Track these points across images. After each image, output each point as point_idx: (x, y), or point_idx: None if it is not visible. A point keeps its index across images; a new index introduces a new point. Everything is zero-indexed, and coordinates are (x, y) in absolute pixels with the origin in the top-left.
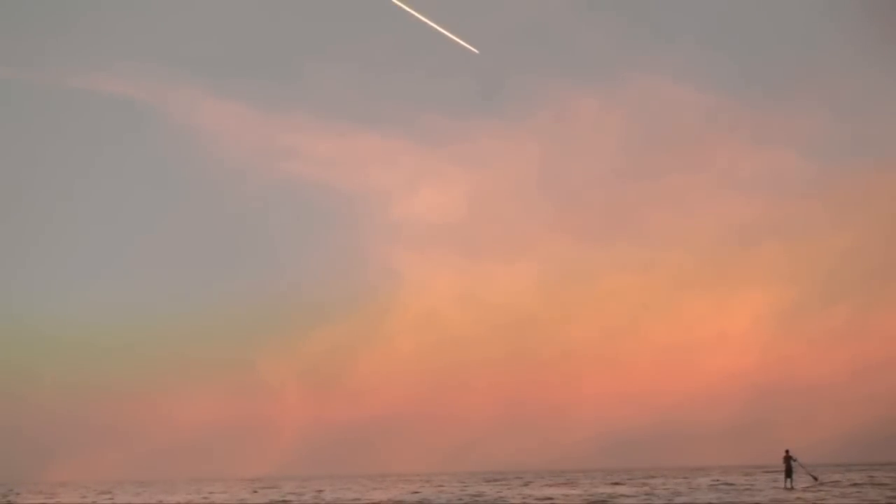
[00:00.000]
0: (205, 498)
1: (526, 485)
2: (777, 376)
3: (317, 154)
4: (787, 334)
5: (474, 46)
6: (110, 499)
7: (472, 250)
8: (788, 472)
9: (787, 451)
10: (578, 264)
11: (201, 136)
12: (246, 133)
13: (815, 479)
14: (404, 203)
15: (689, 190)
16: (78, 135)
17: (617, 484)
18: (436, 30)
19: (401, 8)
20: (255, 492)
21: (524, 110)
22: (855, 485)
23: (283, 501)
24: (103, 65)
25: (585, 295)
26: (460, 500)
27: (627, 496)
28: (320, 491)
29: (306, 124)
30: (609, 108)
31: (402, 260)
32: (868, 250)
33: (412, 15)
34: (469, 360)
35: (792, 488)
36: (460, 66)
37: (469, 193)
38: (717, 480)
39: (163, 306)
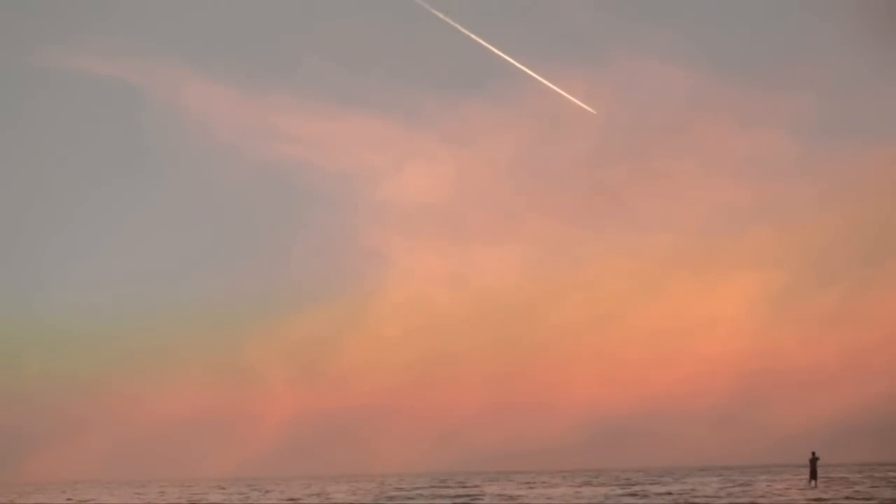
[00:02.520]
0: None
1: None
2: (768, 362)
3: (302, 135)
4: (777, 319)
5: (462, 26)
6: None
7: (459, 232)
8: (813, 474)
9: (813, 453)
10: (566, 247)
11: (186, 117)
12: (232, 114)
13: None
14: (391, 184)
15: (678, 172)
16: (60, 116)
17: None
18: (423, 8)
19: None
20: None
21: (512, 89)
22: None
23: None
24: (86, 45)
25: (573, 279)
26: None
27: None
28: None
29: (292, 105)
30: (596, 89)
31: (389, 242)
32: (859, 232)
33: None
34: (456, 345)
35: (815, 488)
36: (447, 46)
37: (456, 174)
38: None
39: (145, 291)
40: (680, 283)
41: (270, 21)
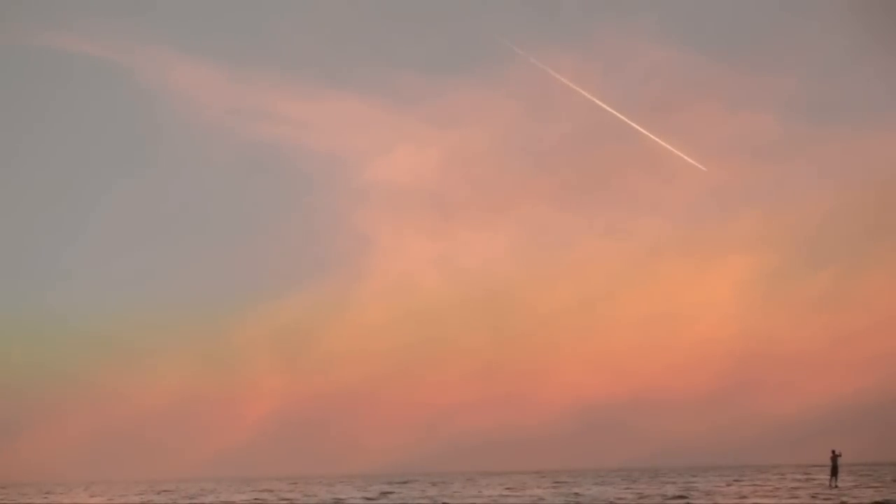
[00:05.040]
0: None
1: None
2: (758, 346)
3: (289, 116)
4: (767, 302)
5: (449, 6)
6: None
7: (446, 214)
8: (834, 471)
9: (833, 451)
10: (554, 230)
11: (172, 99)
12: (216, 94)
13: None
14: (377, 166)
15: (667, 154)
16: (42, 97)
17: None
18: None
19: None
20: None
21: (500, 68)
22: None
23: None
24: (69, 23)
25: (561, 262)
26: None
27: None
28: None
29: (279, 86)
30: (586, 66)
31: (375, 224)
32: (849, 213)
33: None
34: (442, 329)
35: (837, 486)
36: (435, 26)
37: (443, 156)
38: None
39: (125, 276)
40: (670, 266)
41: (258, 2)
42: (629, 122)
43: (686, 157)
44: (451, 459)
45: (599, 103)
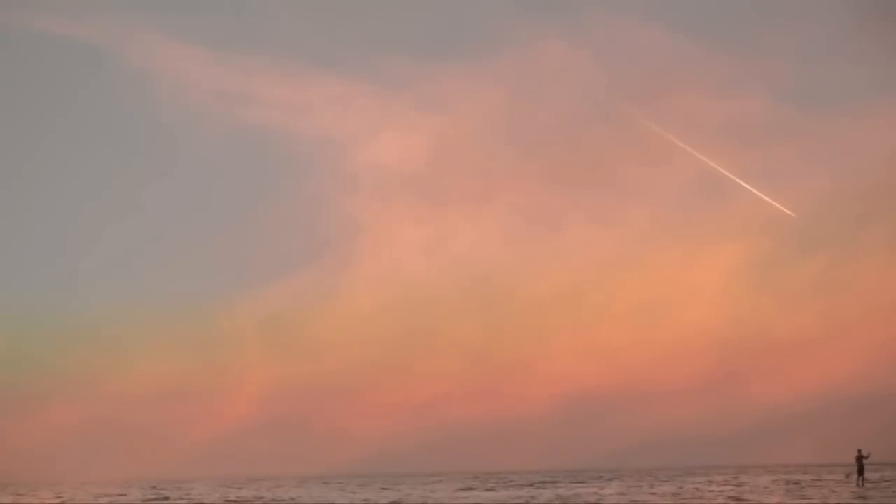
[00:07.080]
0: None
1: None
2: (749, 333)
3: (276, 100)
4: (760, 288)
5: None
6: None
7: (434, 200)
8: (860, 470)
9: (859, 451)
10: (544, 215)
11: (158, 82)
12: (203, 77)
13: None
14: (365, 149)
15: (657, 139)
16: (26, 80)
17: None
18: None
19: None
20: None
21: (489, 52)
22: None
23: None
24: (56, 5)
25: (552, 247)
26: None
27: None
28: None
29: (267, 70)
30: (576, 50)
31: (363, 210)
32: (841, 199)
33: None
34: (432, 316)
35: (863, 486)
36: (424, 9)
37: (433, 139)
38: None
39: (111, 264)
40: (660, 253)
41: None
42: (618, 107)
43: (677, 142)
44: (442, 455)
45: (589, 88)
